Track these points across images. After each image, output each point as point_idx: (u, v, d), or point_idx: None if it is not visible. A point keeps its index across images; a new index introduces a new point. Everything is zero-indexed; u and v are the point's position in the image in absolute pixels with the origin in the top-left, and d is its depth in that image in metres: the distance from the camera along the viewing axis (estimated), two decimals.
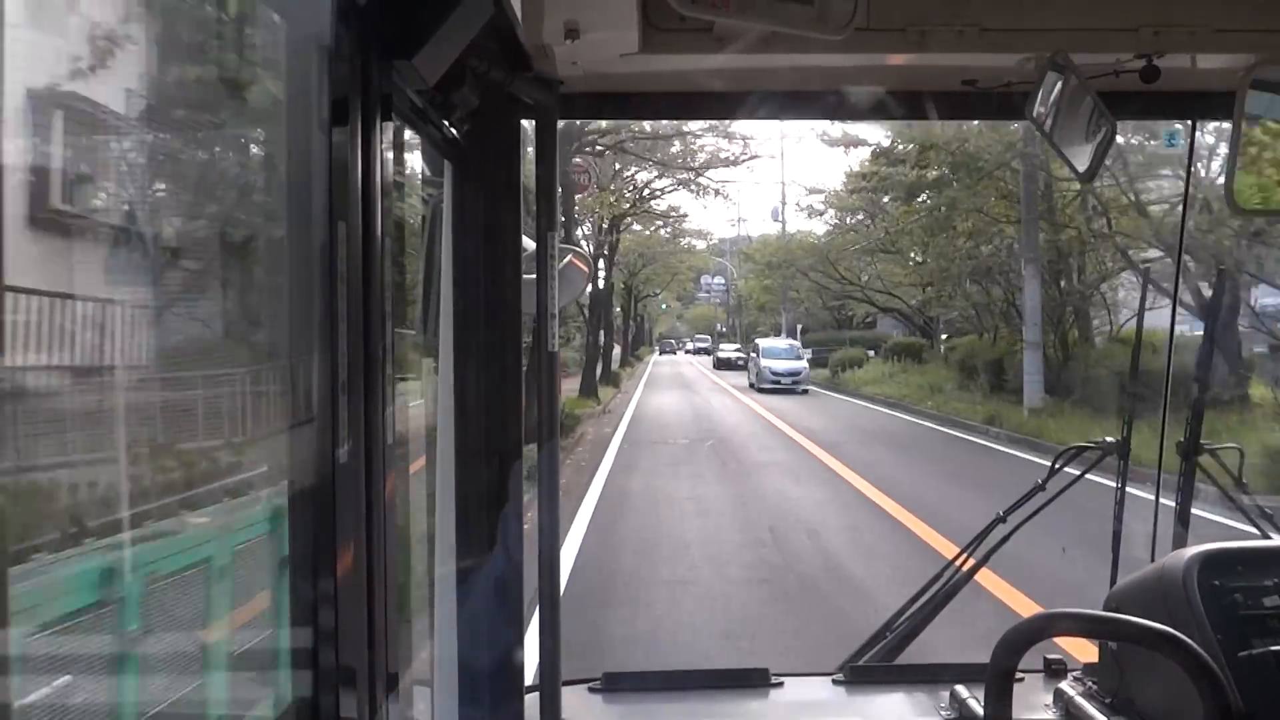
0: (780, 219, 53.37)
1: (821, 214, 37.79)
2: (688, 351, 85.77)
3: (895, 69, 1.86)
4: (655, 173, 29.23)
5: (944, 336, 34.62)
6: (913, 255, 33.01)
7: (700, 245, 47.01)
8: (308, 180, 1.16)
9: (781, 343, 38.59)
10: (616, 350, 46.28)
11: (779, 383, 32.52)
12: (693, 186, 29.32)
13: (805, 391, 32.41)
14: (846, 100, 1.95)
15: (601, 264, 28.45)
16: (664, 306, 79.23)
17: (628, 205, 29.46)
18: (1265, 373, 16.63)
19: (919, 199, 27.17)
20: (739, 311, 74.98)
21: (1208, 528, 2.36)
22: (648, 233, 37.23)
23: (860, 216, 35.01)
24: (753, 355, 36.77)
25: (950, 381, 26.04)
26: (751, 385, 33.91)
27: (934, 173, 24.66)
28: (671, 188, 30.40)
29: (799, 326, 50.78)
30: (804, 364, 34.34)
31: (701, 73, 1.87)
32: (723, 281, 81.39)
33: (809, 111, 2.02)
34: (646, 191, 30.52)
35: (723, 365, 50.41)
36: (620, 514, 11.04)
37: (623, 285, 43.09)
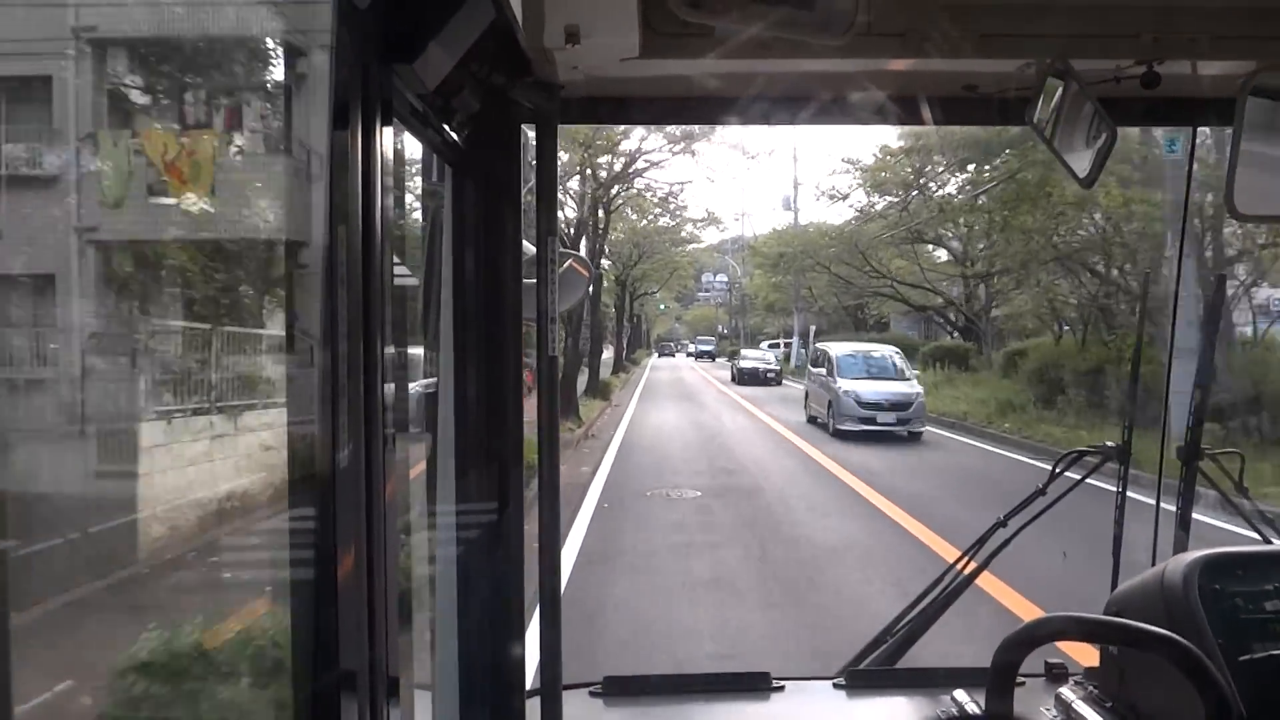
0: (793, 207, 48.31)
1: (845, 197, 31.95)
2: (689, 354, 77.35)
3: (895, 74, 1.86)
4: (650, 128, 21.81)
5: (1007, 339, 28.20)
6: (955, 241, 29.00)
7: (709, 239, 42.49)
8: (307, 184, 1.16)
9: (871, 352, 22.35)
10: (609, 353, 39.71)
11: (873, 421, 18.95)
12: (695, 149, 23.65)
13: (918, 435, 19.21)
14: (847, 105, 1.95)
15: (584, 244, 22.99)
16: (662, 307, 73.74)
17: (619, 166, 23.58)
18: None
19: (997, 160, 22.21)
20: (742, 312, 69.85)
21: (1208, 533, 2.36)
22: (643, 223, 31.70)
23: (891, 198, 29.81)
24: (815, 372, 22.52)
25: (1021, 396, 20.47)
26: (813, 420, 21.66)
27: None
28: (667, 149, 23.78)
29: (812, 329, 43.78)
30: (916, 388, 20.14)
31: (701, 77, 1.87)
32: (725, 279, 75.31)
33: (809, 116, 2.02)
34: (641, 159, 23.99)
35: (748, 379, 36.83)
36: None
37: (615, 279, 36.37)
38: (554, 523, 1.89)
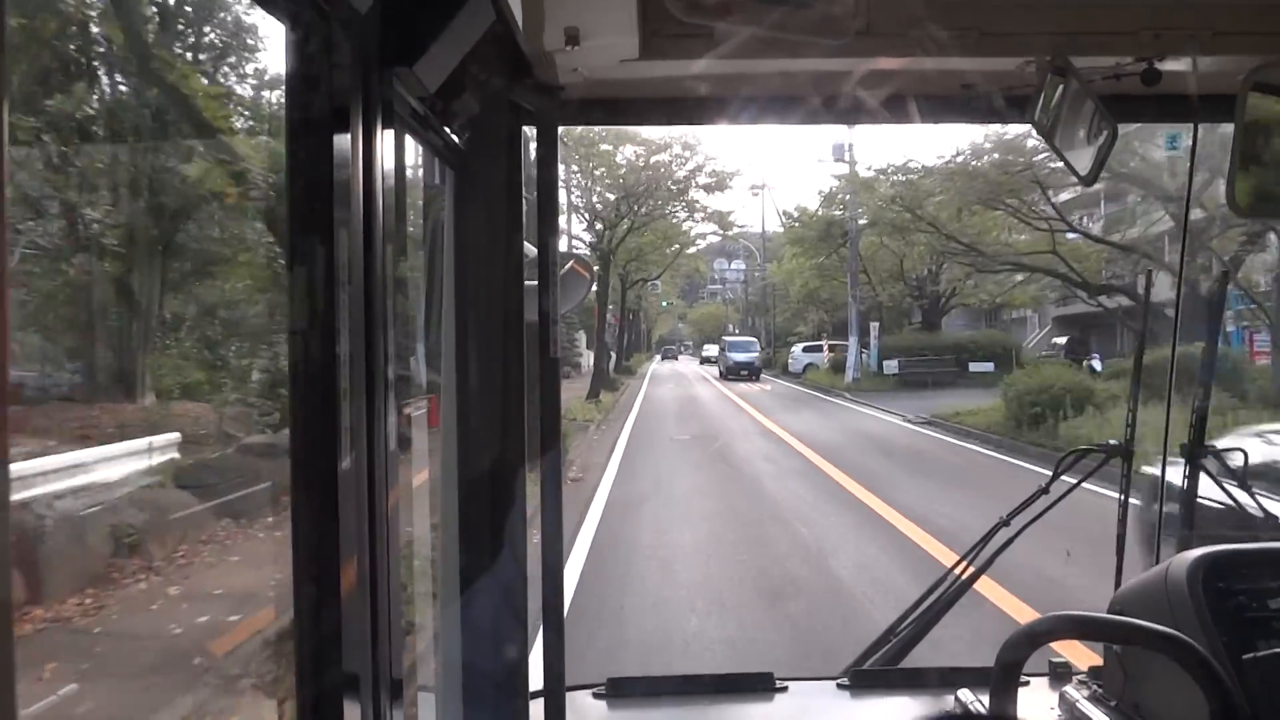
0: (847, 156, 32.10)
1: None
2: (706, 361, 56.23)
3: (895, 73, 1.86)
4: None
5: None
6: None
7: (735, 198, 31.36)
8: (308, 188, 1.16)
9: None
10: (589, 359, 29.72)
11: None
12: None
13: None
14: (846, 104, 1.95)
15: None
16: (665, 304, 60.52)
17: None
18: None
19: None
20: (761, 309, 55.25)
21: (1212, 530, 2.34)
22: (634, 160, 22.41)
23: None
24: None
25: None
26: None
27: None
28: None
29: (874, 327, 32.70)
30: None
31: (702, 78, 1.87)
32: (741, 267, 60.83)
33: (810, 116, 2.02)
34: None
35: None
36: None
37: (591, 247, 25.65)
38: (556, 524, 1.89)
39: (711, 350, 56.27)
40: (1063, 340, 29.55)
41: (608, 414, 23.65)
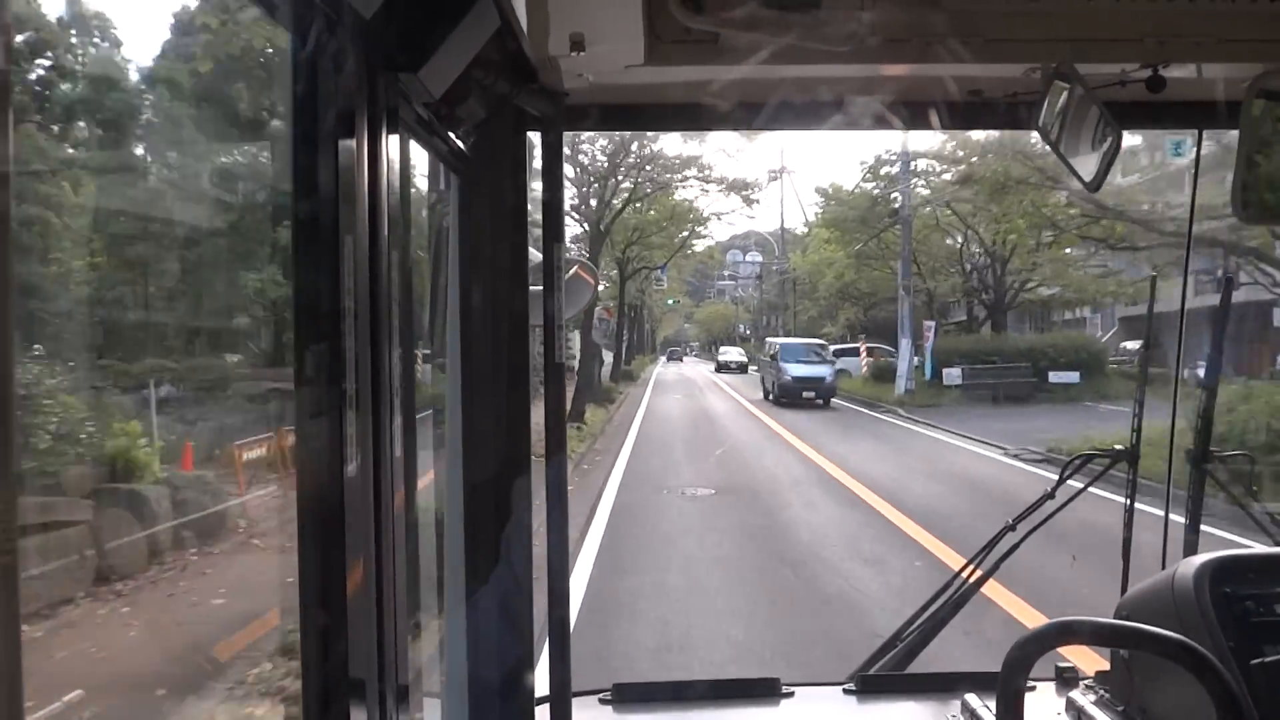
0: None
1: None
2: (723, 368, 47.30)
3: (900, 79, 1.86)
4: None
5: None
6: None
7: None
8: (314, 193, 1.17)
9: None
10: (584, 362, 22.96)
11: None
12: None
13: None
14: (852, 111, 1.96)
15: None
16: (671, 301, 52.97)
17: None
18: None
19: None
20: (779, 306, 48.50)
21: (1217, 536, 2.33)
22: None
23: None
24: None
25: None
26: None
27: None
28: None
29: (930, 326, 26.51)
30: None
31: (706, 84, 1.87)
32: (758, 259, 54.95)
33: (814, 122, 2.02)
34: None
35: None
36: None
37: (580, 216, 21.27)
38: (562, 530, 1.89)
39: (730, 354, 48.09)
40: (1136, 345, 26.50)
41: (593, 444, 17.10)
